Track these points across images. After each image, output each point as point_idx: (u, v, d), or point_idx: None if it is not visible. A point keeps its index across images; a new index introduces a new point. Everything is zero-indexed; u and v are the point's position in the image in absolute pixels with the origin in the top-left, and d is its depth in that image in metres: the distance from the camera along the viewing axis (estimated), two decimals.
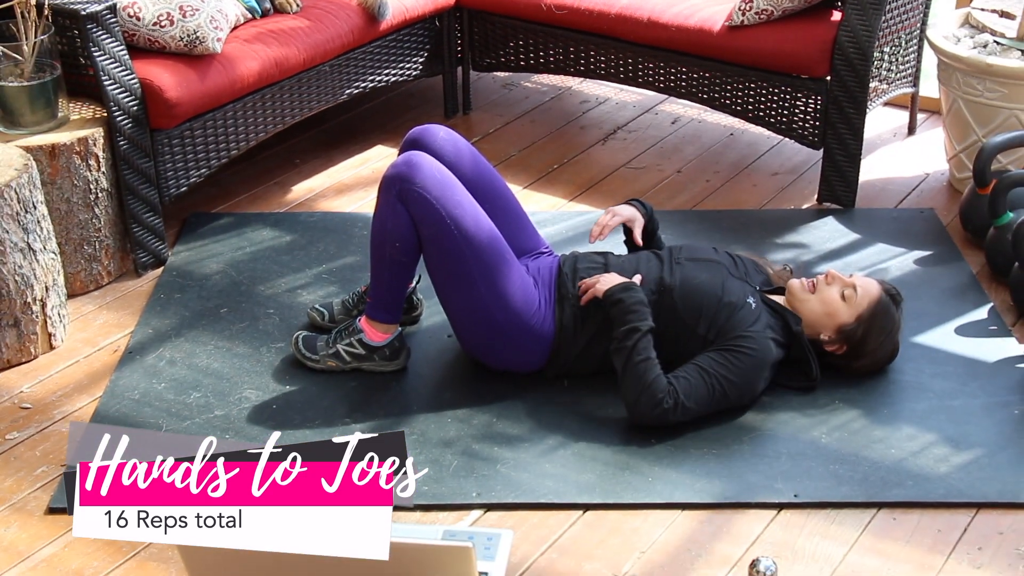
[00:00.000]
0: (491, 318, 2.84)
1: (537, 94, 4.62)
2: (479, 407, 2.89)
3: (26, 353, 3.08)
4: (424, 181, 2.80)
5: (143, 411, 2.88)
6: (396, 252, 2.85)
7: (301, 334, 3.04)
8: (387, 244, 2.85)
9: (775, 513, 2.59)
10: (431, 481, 2.66)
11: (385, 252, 2.87)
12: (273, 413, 2.87)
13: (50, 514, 2.60)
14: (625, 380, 2.75)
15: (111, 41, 3.23)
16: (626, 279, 2.85)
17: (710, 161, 4.11)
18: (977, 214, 3.48)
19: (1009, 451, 2.73)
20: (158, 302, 3.31)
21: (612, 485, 2.65)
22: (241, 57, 3.50)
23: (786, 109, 3.74)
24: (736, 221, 3.70)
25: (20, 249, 2.99)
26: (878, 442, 2.76)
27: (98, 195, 3.28)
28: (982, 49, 3.68)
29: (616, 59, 3.99)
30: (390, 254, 2.86)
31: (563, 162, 4.11)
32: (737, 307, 2.82)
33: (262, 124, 3.68)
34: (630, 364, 2.74)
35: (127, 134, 3.29)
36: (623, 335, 2.77)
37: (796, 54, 3.62)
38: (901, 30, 3.78)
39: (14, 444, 2.80)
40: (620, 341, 2.77)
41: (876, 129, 4.26)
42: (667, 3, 3.83)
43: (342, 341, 2.97)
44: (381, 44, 3.99)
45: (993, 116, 3.64)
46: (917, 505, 2.60)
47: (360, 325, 2.96)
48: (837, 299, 2.87)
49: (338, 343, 2.98)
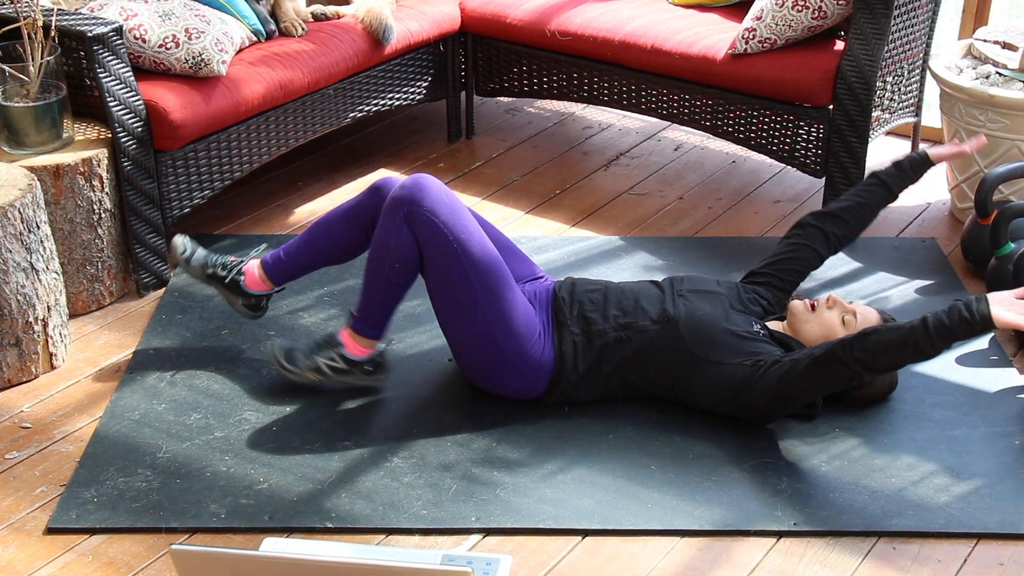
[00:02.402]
0: (494, 344, 2.84)
1: (540, 119, 4.64)
2: (479, 431, 2.89)
3: (27, 373, 3.09)
4: (433, 204, 2.80)
5: (143, 432, 2.89)
6: (394, 272, 2.85)
7: (277, 343, 3.01)
8: (387, 263, 2.85)
9: (774, 541, 2.59)
10: (430, 505, 2.66)
11: (383, 271, 2.86)
12: (273, 435, 2.88)
13: (48, 534, 2.60)
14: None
15: (117, 63, 3.25)
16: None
17: (712, 188, 4.13)
18: (979, 244, 3.50)
19: (1009, 482, 2.74)
20: (159, 323, 3.32)
21: (611, 511, 2.65)
22: (246, 80, 3.53)
23: (788, 137, 3.76)
24: (738, 248, 3.71)
25: (23, 269, 3.01)
26: (878, 471, 2.77)
27: (101, 215, 3.30)
28: (984, 80, 3.70)
29: (619, 86, 4.01)
30: (388, 273, 2.85)
31: (565, 187, 4.13)
32: (744, 337, 2.84)
33: (266, 146, 3.70)
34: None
35: (131, 155, 3.31)
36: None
37: (799, 82, 3.64)
38: (904, 60, 3.80)
39: (13, 464, 2.81)
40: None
41: (878, 158, 4.26)
42: (671, 31, 3.86)
43: (322, 354, 2.95)
44: (385, 68, 4.01)
45: (995, 147, 3.66)
46: (917, 535, 2.60)
47: (341, 338, 2.94)
48: (837, 323, 2.88)
49: (318, 356, 2.95)
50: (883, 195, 3.14)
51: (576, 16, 4.00)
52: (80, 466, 2.78)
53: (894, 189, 3.15)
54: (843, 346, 2.67)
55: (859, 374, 2.70)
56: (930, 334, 2.59)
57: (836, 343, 2.69)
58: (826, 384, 2.77)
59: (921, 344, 2.61)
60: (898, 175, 3.14)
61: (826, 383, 2.77)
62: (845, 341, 2.68)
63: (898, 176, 3.14)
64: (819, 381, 2.75)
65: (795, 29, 3.65)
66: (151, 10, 3.42)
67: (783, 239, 3.16)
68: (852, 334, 2.69)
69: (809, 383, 2.75)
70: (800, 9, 3.61)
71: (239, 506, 2.66)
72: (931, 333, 2.59)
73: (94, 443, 2.85)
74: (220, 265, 3.12)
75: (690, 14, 3.98)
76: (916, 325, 2.61)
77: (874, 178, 3.16)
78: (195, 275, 3.15)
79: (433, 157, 4.33)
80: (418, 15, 4.06)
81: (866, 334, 2.67)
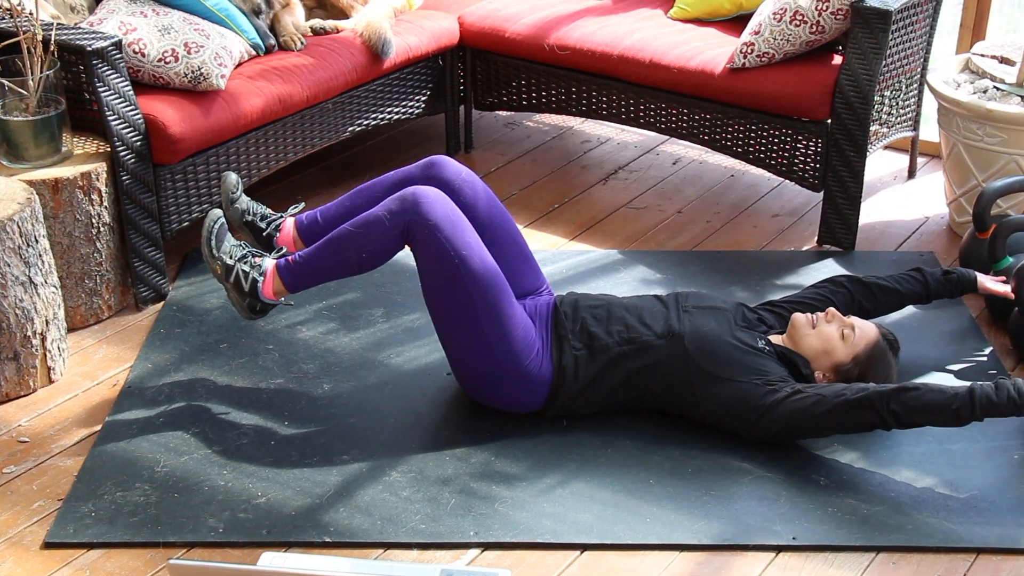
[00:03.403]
0: (492, 358, 2.85)
1: (539, 133, 4.65)
2: (477, 445, 2.89)
3: (25, 387, 3.09)
4: (437, 219, 2.80)
5: (141, 446, 2.89)
6: (356, 259, 2.85)
7: (221, 220, 2.95)
8: (356, 247, 2.84)
9: (773, 555, 2.59)
10: (428, 520, 2.66)
11: (347, 251, 2.85)
12: (271, 449, 2.88)
13: (46, 549, 2.60)
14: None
15: (116, 77, 3.26)
16: None
17: (711, 202, 4.13)
18: (977, 258, 3.50)
19: (1009, 496, 2.74)
20: (158, 336, 3.32)
21: (610, 525, 2.65)
22: (245, 94, 3.53)
23: (787, 151, 3.77)
24: (736, 262, 3.72)
25: (21, 283, 3.01)
26: (877, 485, 2.76)
27: (100, 229, 3.30)
28: (982, 94, 3.71)
29: (618, 100, 4.02)
30: (349, 255, 2.85)
31: (564, 201, 4.14)
32: (751, 352, 2.85)
33: (265, 160, 3.71)
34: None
35: (130, 169, 3.31)
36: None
37: (797, 97, 3.65)
38: (901, 74, 3.81)
39: (11, 478, 2.81)
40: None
41: (876, 172, 4.28)
42: (669, 45, 3.87)
43: (244, 264, 2.91)
44: (384, 82, 4.02)
45: (993, 161, 3.67)
46: (916, 549, 2.60)
47: (266, 268, 2.91)
48: (836, 337, 2.89)
49: (239, 263, 2.90)
50: (919, 293, 3.16)
51: (575, 30, 4.01)
52: (78, 480, 2.78)
53: (931, 293, 3.16)
54: (880, 396, 2.69)
55: (888, 426, 2.72)
56: (975, 407, 2.64)
57: (873, 392, 2.70)
58: (849, 427, 2.78)
59: (962, 413, 2.65)
60: (942, 283, 3.15)
61: (849, 427, 2.78)
62: (883, 392, 2.69)
63: (942, 283, 3.15)
64: (843, 424, 2.77)
65: (793, 44, 3.66)
66: (150, 24, 3.43)
67: (812, 287, 3.17)
68: (891, 386, 2.71)
69: (833, 422, 2.76)
70: (798, 24, 3.62)
71: (237, 520, 2.66)
72: (976, 407, 2.64)
73: (92, 457, 2.85)
74: (260, 216, 3.11)
75: (688, 28, 4.00)
76: (962, 394, 2.65)
77: (919, 273, 3.16)
78: (233, 217, 3.10)
79: None
80: (417, 29, 4.07)
81: (906, 389, 2.69)
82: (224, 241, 2.93)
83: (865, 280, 3.15)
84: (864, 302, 3.12)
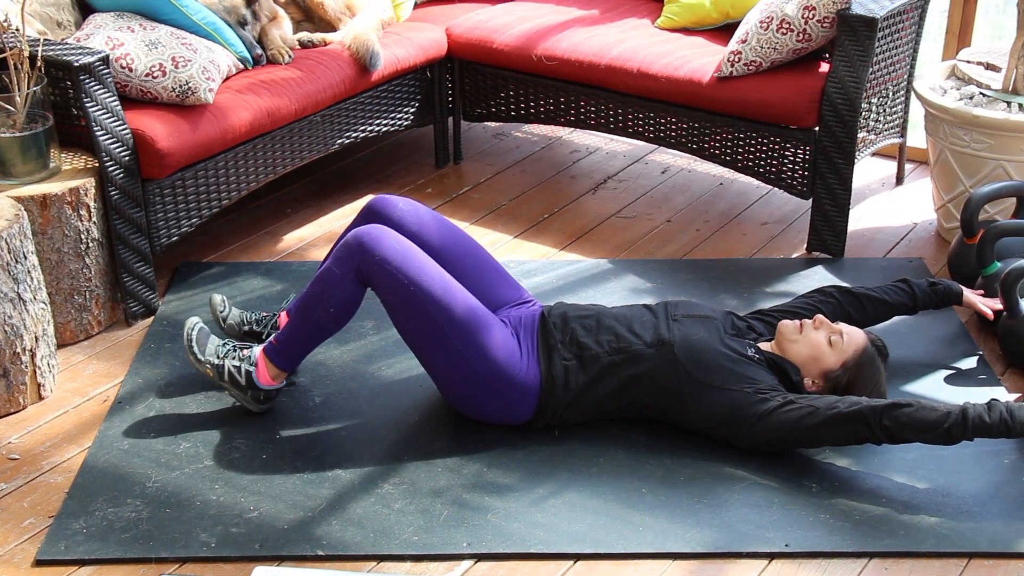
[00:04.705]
0: (473, 373, 2.85)
1: (528, 144, 4.67)
2: (470, 456, 2.90)
3: (15, 403, 3.09)
4: (384, 253, 2.82)
5: (132, 461, 2.88)
6: (326, 317, 2.89)
7: (199, 324, 3.00)
8: (322, 306, 2.88)
9: (766, 563, 2.59)
10: (421, 531, 2.66)
11: (316, 312, 2.89)
12: (263, 463, 2.88)
13: (37, 566, 2.59)
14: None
15: (103, 92, 3.26)
16: None
17: (700, 210, 4.15)
18: (965, 264, 3.52)
19: (1000, 501, 2.74)
20: (148, 352, 3.32)
21: (603, 534, 2.65)
22: (233, 107, 3.54)
23: (775, 159, 3.78)
24: (726, 270, 3.73)
25: (10, 299, 3.00)
26: (869, 491, 2.77)
27: (89, 245, 3.30)
28: (968, 101, 3.73)
29: (606, 109, 4.04)
30: (320, 315, 2.89)
31: (553, 211, 4.15)
32: (741, 360, 2.86)
33: (253, 174, 3.71)
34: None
35: (119, 184, 3.31)
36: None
37: (784, 105, 3.66)
38: (888, 81, 3.83)
39: (2, 495, 2.80)
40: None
41: (864, 179, 4.30)
42: (657, 54, 3.88)
43: (232, 359, 2.95)
44: (373, 94, 4.03)
45: (980, 167, 3.69)
46: (909, 555, 2.60)
47: (256, 358, 2.95)
48: (824, 343, 2.90)
49: (227, 360, 2.95)
50: (906, 304, 3.18)
51: (562, 41, 4.02)
52: (69, 497, 2.77)
53: (918, 304, 3.19)
54: (873, 411, 2.70)
55: (879, 440, 2.73)
56: (967, 428, 2.66)
57: (866, 406, 2.72)
58: (840, 440, 2.79)
59: (954, 432, 2.67)
60: (929, 294, 3.18)
61: (840, 440, 2.78)
62: (876, 407, 2.71)
63: (929, 294, 3.18)
64: (834, 436, 2.77)
65: (780, 52, 3.68)
66: (137, 39, 3.44)
67: (801, 296, 3.19)
68: (884, 402, 2.72)
69: (824, 435, 2.77)
70: (785, 32, 3.64)
71: (229, 535, 2.65)
72: (969, 427, 2.66)
73: (83, 474, 2.84)
74: (256, 320, 3.23)
75: (676, 38, 4.01)
76: (955, 413, 2.67)
77: (906, 284, 3.19)
78: (231, 334, 3.21)
79: (421, 182, 4.34)
80: (405, 41, 4.08)
81: (899, 405, 2.70)
82: (207, 344, 2.98)
83: (854, 290, 3.16)
84: (852, 312, 3.13)
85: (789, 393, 2.83)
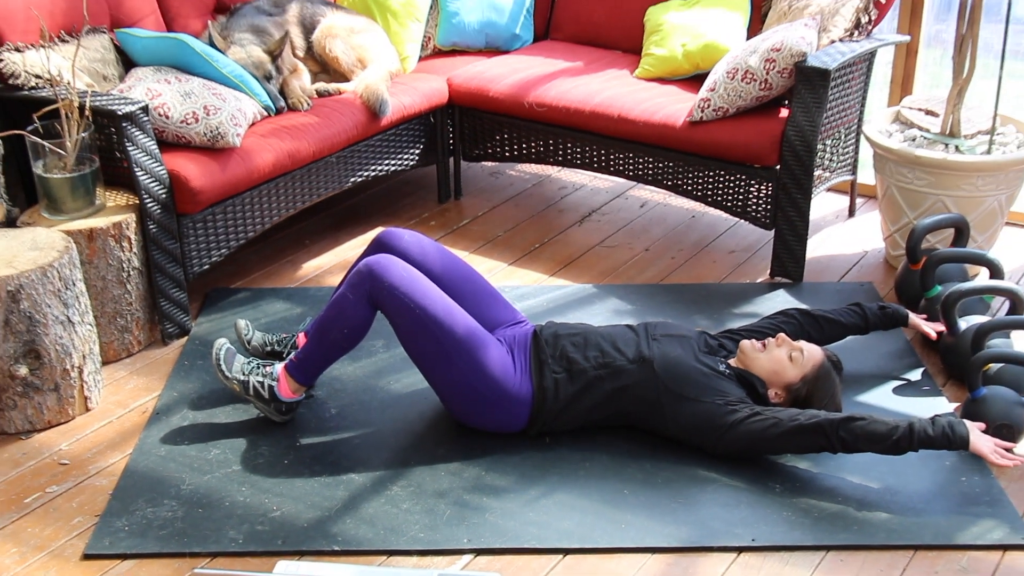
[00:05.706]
0: (472, 388, 2.86)
1: (521, 181, 4.68)
2: (470, 461, 2.90)
3: (65, 414, 3.10)
4: (392, 280, 2.84)
5: (168, 466, 2.89)
6: (341, 336, 2.90)
7: (226, 345, 3.02)
8: (336, 327, 2.89)
9: (735, 556, 2.60)
10: (426, 529, 2.67)
11: (332, 332, 2.90)
12: (285, 468, 2.89)
13: (85, 560, 2.60)
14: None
15: (143, 137, 3.29)
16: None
17: (674, 240, 4.16)
18: (910, 287, 3.53)
19: (942, 498, 2.76)
20: (182, 368, 3.33)
21: (590, 531, 2.66)
22: (258, 150, 3.56)
23: (741, 194, 3.80)
24: (698, 294, 3.74)
25: (61, 322, 3.02)
26: (827, 491, 2.78)
27: (130, 273, 3.32)
28: (911, 142, 3.76)
29: (590, 150, 4.06)
30: (335, 336, 2.90)
31: (544, 241, 4.17)
32: (713, 375, 2.88)
33: (276, 209, 3.73)
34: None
35: (156, 219, 3.33)
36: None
37: (749, 146, 3.68)
38: (840, 125, 3.86)
39: (54, 496, 2.81)
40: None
41: (820, 212, 4.32)
42: (635, 101, 3.91)
43: (256, 375, 2.98)
44: (382, 138, 4.05)
45: (922, 201, 3.71)
46: (862, 547, 2.61)
47: (278, 374, 2.97)
48: (785, 359, 2.91)
49: (252, 376, 2.98)
50: (859, 325, 3.20)
51: (551, 89, 4.05)
52: (113, 498, 2.78)
53: (869, 326, 3.21)
54: (831, 424, 2.72)
55: (835, 450, 2.75)
56: (913, 440, 2.69)
57: (824, 420, 2.74)
58: (801, 449, 2.80)
59: (901, 443, 2.69)
60: (879, 316, 3.20)
61: (801, 448, 2.80)
62: (833, 420, 2.73)
63: (879, 317, 3.20)
64: (796, 445, 2.79)
65: (745, 99, 3.70)
66: (173, 90, 3.46)
67: (766, 317, 3.21)
68: (841, 415, 2.75)
69: (786, 443, 2.79)
70: (749, 82, 3.67)
71: (255, 532, 2.66)
72: (915, 440, 2.69)
73: (125, 477, 2.85)
74: (277, 341, 3.23)
75: (652, 86, 4.04)
76: (902, 427, 2.70)
77: (858, 307, 3.22)
78: (256, 355, 3.21)
79: (425, 216, 4.36)
80: (411, 90, 4.10)
81: (854, 419, 2.72)
82: (234, 362, 3.00)
83: (813, 312, 3.19)
84: (811, 332, 3.15)
85: (756, 405, 2.85)
